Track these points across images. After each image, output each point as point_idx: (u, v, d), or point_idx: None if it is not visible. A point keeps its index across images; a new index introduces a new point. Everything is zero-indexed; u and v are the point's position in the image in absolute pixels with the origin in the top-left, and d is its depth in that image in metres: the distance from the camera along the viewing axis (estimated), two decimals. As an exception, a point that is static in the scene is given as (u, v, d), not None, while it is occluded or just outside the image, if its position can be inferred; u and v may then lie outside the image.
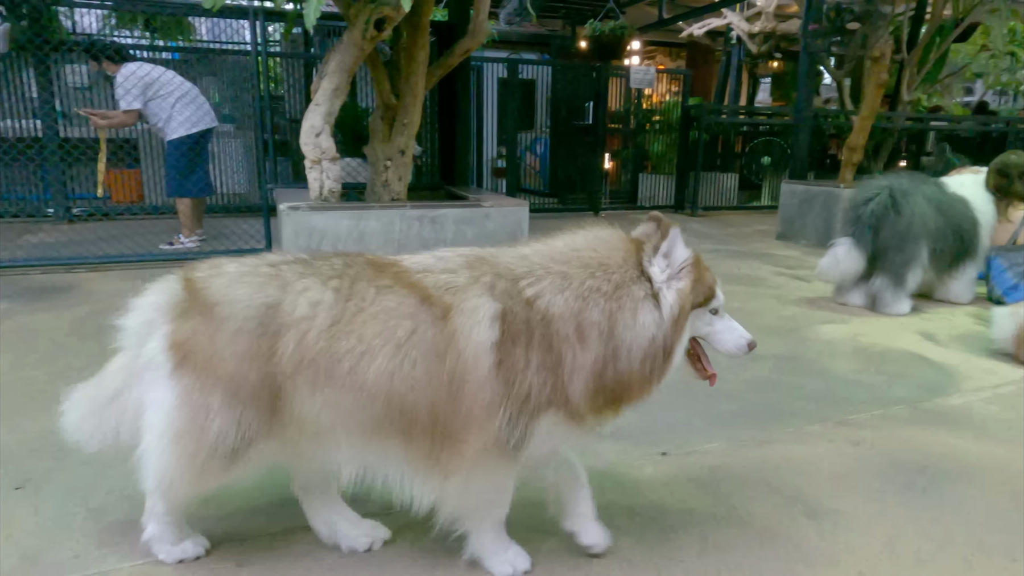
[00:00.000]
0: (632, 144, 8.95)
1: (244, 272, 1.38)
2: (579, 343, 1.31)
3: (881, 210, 3.59)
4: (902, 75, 9.01)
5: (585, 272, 1.36)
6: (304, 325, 1.30)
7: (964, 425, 2.32)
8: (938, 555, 1.58)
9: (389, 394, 1.29)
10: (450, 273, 1.37)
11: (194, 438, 1.31)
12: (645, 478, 1.92)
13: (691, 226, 7.40)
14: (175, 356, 1.32)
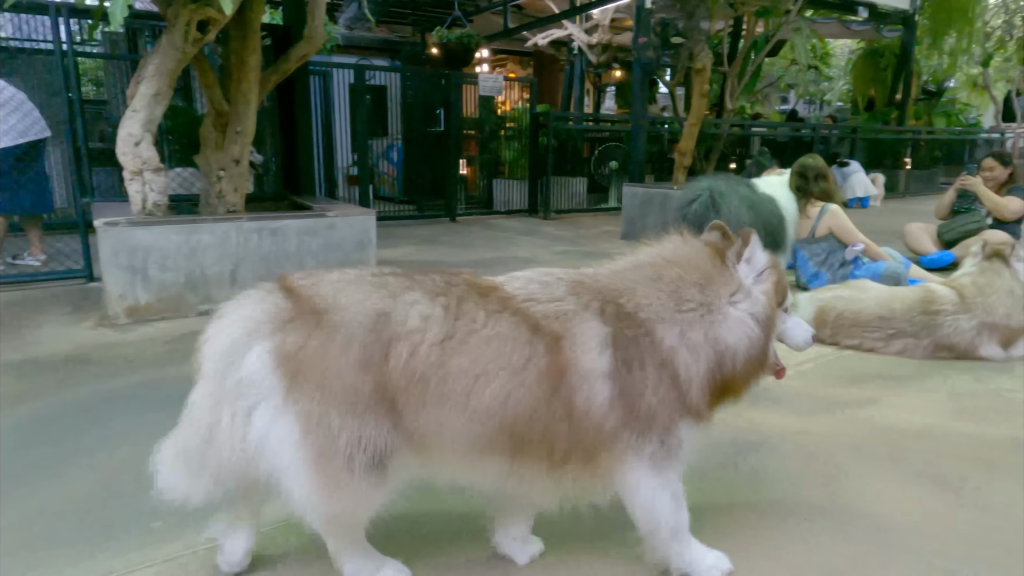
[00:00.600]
0: (486, 150, 9.11)
1: (350, 279, 1.33)
2: (689, 354, 1.34)
3: (703, 210, 3.93)
4: (725, 86, 9.91)
5: (682, 285, 1.39)
6: (416, 338, 1.25)
7: (769, 400, 2.58)
8: (746, 517, 1.75)
9: (503, 418, 1.27)
10: (557, 301, 1.35)
11: (328, 460, 1.22)
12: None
13: (544, 229, 7.66)
14: (285, 372, 1.22)
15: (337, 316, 1.25)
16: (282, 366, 1.22)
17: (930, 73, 14.71)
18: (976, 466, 2.06)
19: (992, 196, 4.94)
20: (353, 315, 1.26)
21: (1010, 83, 18.66)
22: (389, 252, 5.87)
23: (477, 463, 1.33)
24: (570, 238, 6.96)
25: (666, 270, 1.41)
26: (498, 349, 1.27)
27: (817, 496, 1.88)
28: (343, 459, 1.22)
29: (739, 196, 4.05)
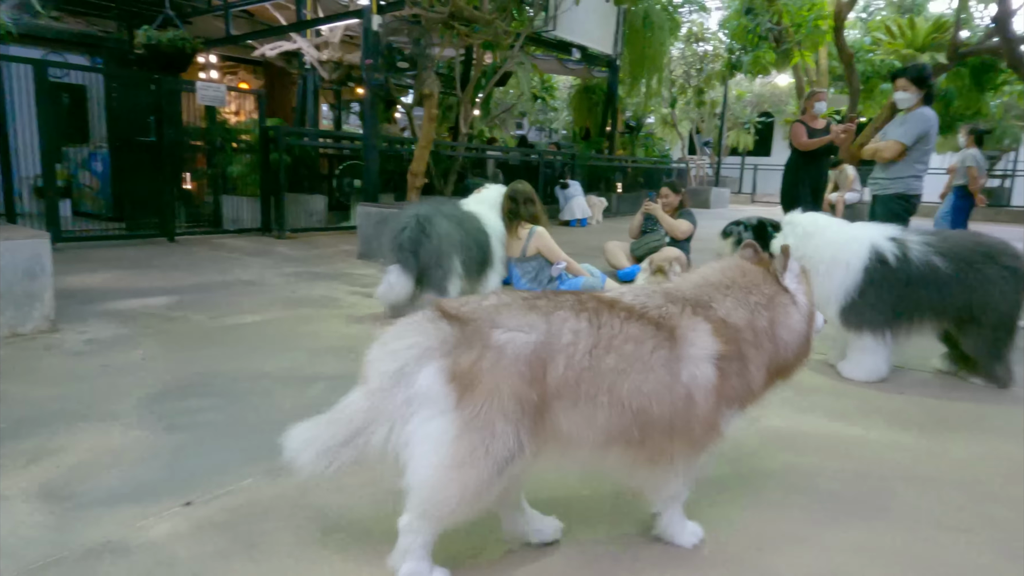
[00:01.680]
0: (212, 164, 8.39)
1: (506, 303, 1.54)
2: (755, 347, 1.65)
3: (415, 235, 4.06)
4: (459, 111, 10.42)
5: (746, 292, 1.71)
6: (570, 350, 1.48)
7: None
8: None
9: (638, 405, 1.51)
10: (663, 307, 1.61)
11: (476, 463, 1.42)
12: (159, 537, 1.76)
13: (277, 249, 7.27)
14: (457, 388, 1.41)
15: (506, 337, 1.46)
16: (454, 381, 1.42)
17: (632, 110, 17.11)
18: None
19: (667, 219, 5.86)
20: (520, 336, 1.47)
21: (692, 122, 22.50)
22: (86, 279, 5.08)
23: (607, 449, 1.56)
24: (304, 258, 6.70)
25: (733, 282, 1.73)
26: (634, 347, 1.53)
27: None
28: (492, 461, 1.43)
29: (444, 216, 4.26)
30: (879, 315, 3.27)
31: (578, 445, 1.53)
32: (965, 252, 3.26)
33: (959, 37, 12.59)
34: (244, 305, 4.50)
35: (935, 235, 3.39)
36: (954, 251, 3.27)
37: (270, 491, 2.03)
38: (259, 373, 3.14)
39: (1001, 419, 2.92)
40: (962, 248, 3.29)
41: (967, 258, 3.23)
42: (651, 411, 1.52)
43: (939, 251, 3.25)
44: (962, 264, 3.22)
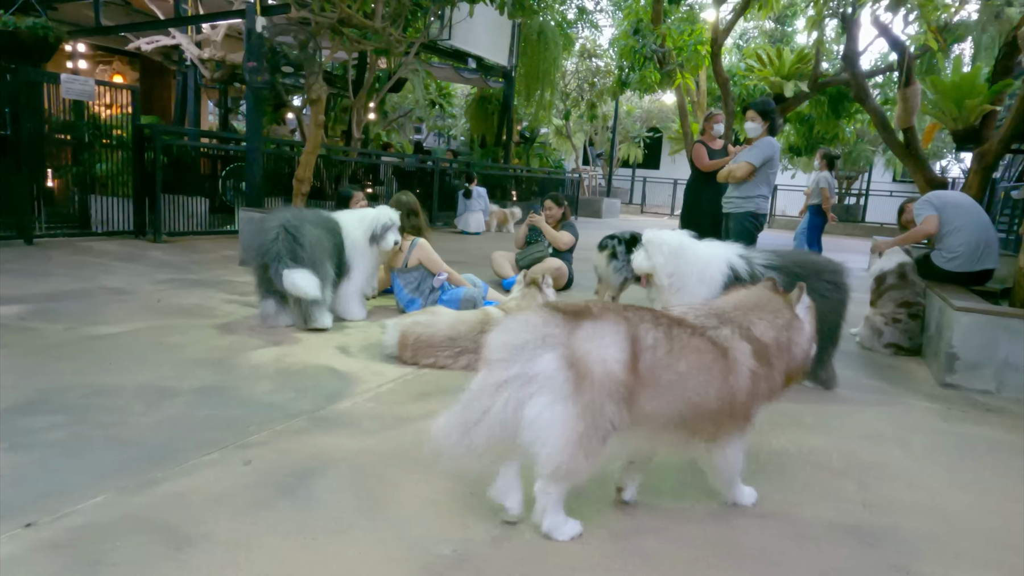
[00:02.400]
0: (78, 162, 7.84)
1: (605, 309, 1.94)
2: (778, 359, 2.11)
3: (290, 244, 4.07)
4: (352, 116, 10.31)
5: (774, 316, 2.15)
6: (652, 351, 1.90)
7: (344, 425, 2.79)
8: (291, 540, 1.86)
9: (697, 399, 1.96)
10: (717, 328, 2.07)
11: (590, 434, 1.80)
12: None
13: (151, 253, 6.93)
14: (574, 372, 1.79)
15: (610, 335, 1.86)
16: (570, 368, 1.80)
17: (527, 120, 17.52)
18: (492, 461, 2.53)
19: (550, 231, 6.11)
20: (621, 335, 1.88)
21: (585, 134, 23.31)
22: (-82, 286, 4.65)
23: (668, 431, 1.99)
24: (180, 264, 6.43)
25: (764, 307, 2.17)
26: (697, 356, 1.97)
27: (356, 510, 2.10)
28: (600, 433, 1.83)
29: (311, 222, 4.29)
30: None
31: (651, 426, 1.96)
32: (797, 267, 3.65)
33: (819, 68, 13.87)
34: (106, 315, 4.30)
35: (771, 252, 3.77)
36: (788, 267, 3.65)
37: (118, 510, 2.00)
38: (115, 388, 3.03)
39: (812, 417, 3.31)
40: (794, 264, 3.68)
41: (798, 273, 3.62)
42: (705, 404, 1.99)
43: (776, 267, 3.63)
44: (795, 278, 3.60)
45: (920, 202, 5.03)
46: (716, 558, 1.96)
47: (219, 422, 2.73)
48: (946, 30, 10.71)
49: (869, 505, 2.37)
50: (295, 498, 2.15)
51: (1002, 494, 2.54)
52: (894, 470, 2.70)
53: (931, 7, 7.71)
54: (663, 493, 2.37)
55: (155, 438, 2.54)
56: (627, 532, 2.07)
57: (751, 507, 2.27)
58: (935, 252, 4.90)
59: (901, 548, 2.08)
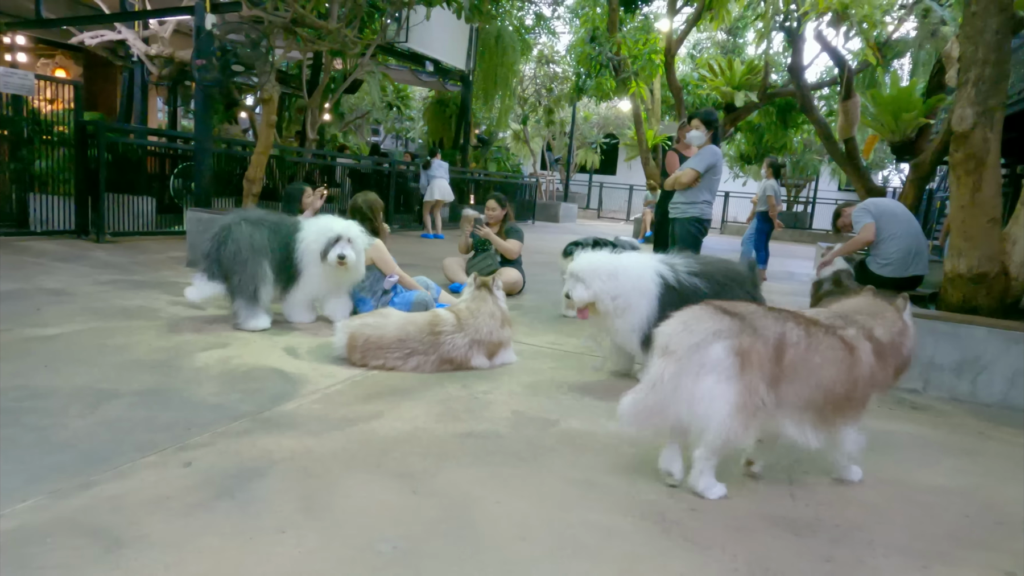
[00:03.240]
0: (16, 158, 7.55)
1: (757, 310, 2.39)
2: (891, 356, 2.50)
3: (243, 244, 4.10)
4: (306, 116, 10.19)
5: (888, 322, 2.55)
6: (795, 346, 2.32)
7: (289, 426, 2.78)
8: (230, 540, 1.86)
9: (828, 389, 2.35)
10: (843, 328, 2.45)
11: (747, 410, 2.23)
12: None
13: (94, 254, 6.73)
14: (739, 360, 2.22)
15: (767, 330, 2.31)
16: (736, 356, 2.22)
17: (485, 124, 17.58)
18: (436, 460, 2.56)
19: (500, 242, 6.01)
20: (771, 331, 2.31)
21: (543, 139, 23.49)
22: None
23: (800, 415, 2.37)
24: (124, 265, 6.26)
25: (876, 312, 2.58)
26: (831, 351, 2.37)
27: (298, 510, 2.10)
28: (753, 409, 2.24)
29: (253, 224, 4.31)
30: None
31: (789, 408, 2.33)
32: (719, 276, 3.69)
33: (768, 80, 14.30)
34: (43, 316, 4.17)
35: (693, 261, 3.77)
36: (710, 274, 3.67)
37: (50, 513, 1.96)
38: (51, 390, 2.96)
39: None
40: (717, 273, 3.72)
41: (720, 281, 3.67)
42: (833, 391, 2.36)
43: (699, 274, 3.64)
44: (717, 286, 3.64)
45: (857, 210, 5.25)
46: (641, 547, 2.03)
47: (159, 424, 2.69)
48: (886, 46, 11.17)
49: (796, 497, 2.48)
50: (235, 499, 2.13)
51: (924, 487, 2.69)
52: (821, 464, 2.83)
53: (870, 24, 8.06)
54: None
55: (92, 441, 2.49)
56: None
57: (685, 502, 2.36)
58: (870, 258, 5.13)
59: (825, 537, 2.19)
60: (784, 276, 9.72)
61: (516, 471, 2.52)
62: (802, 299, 7.05)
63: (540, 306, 5.92)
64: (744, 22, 20.01)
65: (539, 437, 2.89)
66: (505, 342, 3.93)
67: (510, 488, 2.37)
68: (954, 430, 3.44)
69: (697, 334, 2.27)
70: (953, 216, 4.17)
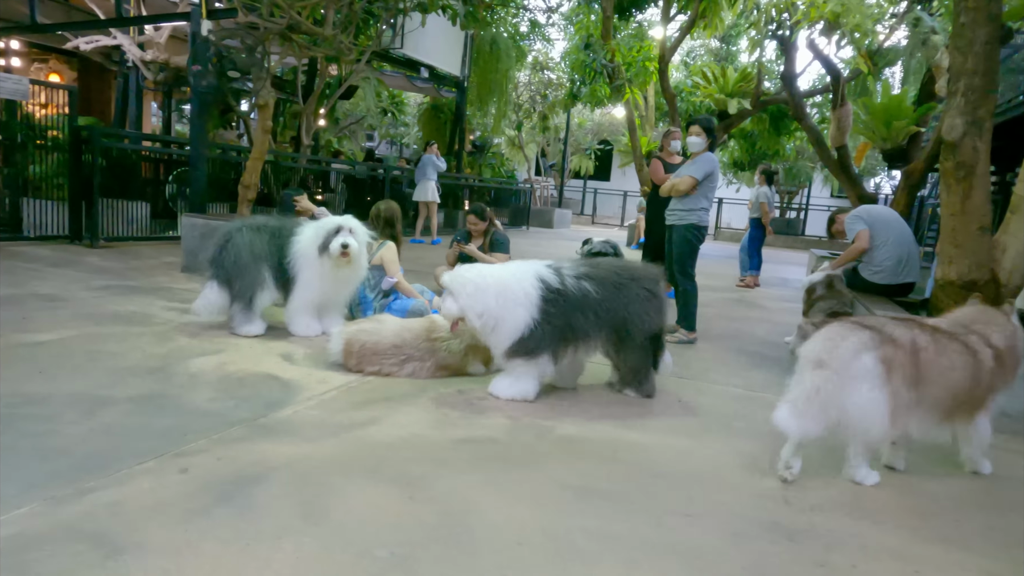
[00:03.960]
0: (10, 163, 7.52)
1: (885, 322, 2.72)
2: (1008, 360, 2.77)
3: (217, 249, 4.23)
4: (301, 122, 10.20)
5: (998, 326, 2.82)
6: (927, 352, 2.62)
7: (285, 433, 2.78)
8: (229, 546, 1.86)
9: (955, 389, 2.65)
10: (965, 335, 2.73)
11: (897, 412, 2.56)
12: (-91, 574, 1.66)
13: (88, 259, 6.71)
14: (885, 367, 2.55)
15: (900, 340, 2.61)
16: (883, 364, 2.55)
17: (480, 130, 17.62)
18: (434, 465, 2.57)
19: (485, 259, 5.81)
20: (905, 339, 2.62)
21: (537, 145, 23.54)
22: None
23: (931, 412, 2.66)
24: (119, 270, 6.24)
25: (991, 320, 2.85)
26: (957, 356, 2.66)
27: (296, 515, 2.11)
28: (900, 410, 2.56)
29: (254, 230, 4.35)
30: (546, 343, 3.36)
31: (922, 408, 2.62)
32: (614, 275, 3.55)
33: (761, 87, 14.40)
34: (37, 322, 4.16)
35: (585, 263, 3.64)
36: (602, 275, 3.51)
37: (48, 520, 1.96)
38: (46, 396, 2.95)
39: (743, 422, 3.46)
40: (612, 272, 3.57)
41: (615, 280, 3.51)
42: (960, 393, 2.66)
43: (589, 276, 3.48)
44: (611, 285, 3.48)
45: (851, 217, 5.28)
46: (638, 552, 2.04)
47: (155, 431, 2.69)
48: (877, 55, 11.28)
49: (790, 503, 2.50)
50: (233, 505, 2.14)
51: (912, 490, 2.71)
52: (815, 470, 2.85)
53: (862, 33, 8.14)
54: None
55: (88, 447, 2.48)
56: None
57: (681, 507, 2.37)
58: (862, 265, 5.17)
59: (820, 542, 2.21)
60: (777, 282, 9.77)
61: (513, 477, 2.53)
62: (795, 305, 7.09)
63: (535, 312, 5.93)
64: (737, 30, 20.15)
65: (535, 443, 2.91)
66: (501, 348, 3.94)
67: (508, 494, 2.38)
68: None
69: (846, 348, 2.58)
70: (944, 223, 4.22)
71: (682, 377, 4.18)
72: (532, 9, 18.53)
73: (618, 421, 3.29)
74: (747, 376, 4.34)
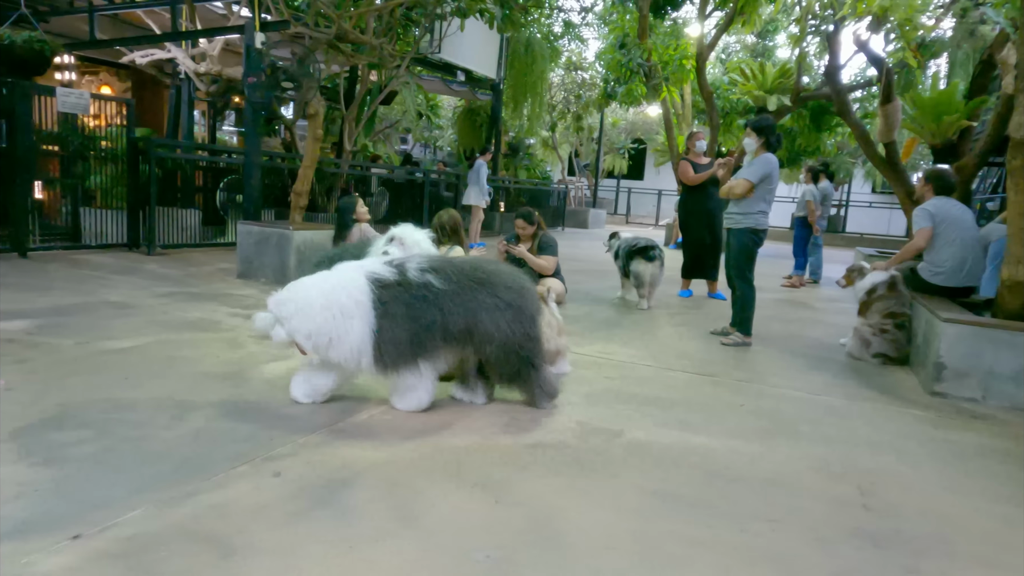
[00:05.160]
0: (70, 174, 7.82)
1: None
2: None
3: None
4: (344, 128, 10.38)
5: None
6: None
7: (364, 437, 2.87)
8: (334, 548, 1.94)
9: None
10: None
11: None
12: (51, 571, 1.77)
13: (147, 266, 6.94)
14: None
15: None
16: None
17: (515, 132, 17.68)
18: (511, 470, 2.63)
19: (534, 260, 5.88)
20: None
21: (571, 145, 23.52)
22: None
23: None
24: (178, 277, 6.45)
25: None
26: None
27: (392, 519, 2.19)
28: None
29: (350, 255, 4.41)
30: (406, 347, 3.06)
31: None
32: (463, 278, 3.19)
33: (801, 83, 14.19)
34: (114, 329, 4.33)
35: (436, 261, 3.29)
36: (452, 276, 3.18)
37: (161, 521, 2.07)
38: (134, 402, 3.09)
39: (808, 425, 3.45)
40: (461, 274, 3.20)
41: (461, 282, 3.17)
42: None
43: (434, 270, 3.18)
44: (456, 285, 3.15)
45: (919, 210, 5.05)
46: (728, 558, 2.07)
47: (242, 435, 2.80)
48: (922, 46, 11.04)
49: (871, 509, 2.50)
50: (329, 508, 2.22)
51: (994, 496, 2.69)
52: (890, 475, 2.84)
53: (911, 27, 7.99)
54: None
55: (183, 451, 2.60)
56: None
57: (762, 513, 2.39)
58: (922, 264, 5.08)
59: (906, 549, 2.21)
60: (824, 282, 9.63)
61: (591, 482, 2.58)
62: (845, 305, 7.00)
63: (585, 314, 5.98)
64: (774, 25, 19.87)
65: (606, 448, 2.95)
66: (562, 351, 3.99)
67: (588, 499, 2.43)
68: (1018, 441, 3.41)
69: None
70: (1011, 223, 4.13)
71: (742, 380, 4.18)
72: (566, 10, 18.54)
73: (684, 425, 3.31)
74: (806, 379, 4.31)
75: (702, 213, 7.26)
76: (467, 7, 8.56)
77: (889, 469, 2.91)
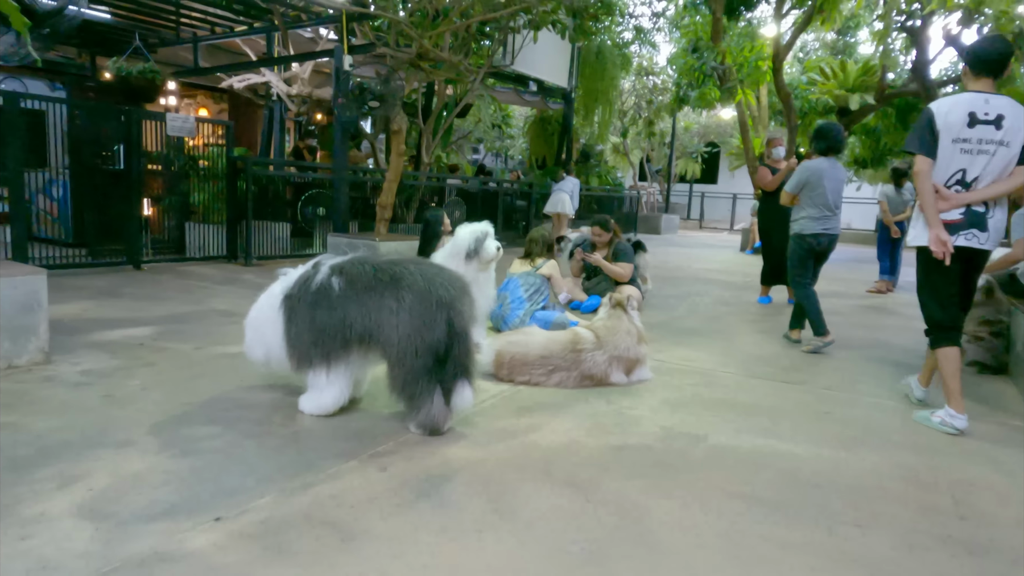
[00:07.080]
0: (175, 191, 8.49)
1: None
2: None
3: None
4: (421, 141, 10.77)
5: None
6: None
7: (458, 437, 3.05)
8: (440, 536, 2.13)
9: None
10: None
11: None
12: (201, 547, 2.03)
13: (245, 276, 7.44)
14: None
15: None
16: None
17: (586, 139, 17.77)
18: (598, 470, 2.76)
19: (610, 268, 5.98)
20: None
21: (642, 151, 23.39)
22: (62, 309, 5.18)
23: None
24: (275, 287, 6.89)
25: None
26: None
27: (490, 512, 2.35)
28: None
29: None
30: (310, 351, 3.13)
31: None
32: (371, 280, 3.07)
33: (885, 80, 13.66)
34: (225, 335, 4.72)
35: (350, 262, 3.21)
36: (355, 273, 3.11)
37: (287, 508, 2.31)
38: (249, 403, 3.39)
39: (900, 434, 3.40)
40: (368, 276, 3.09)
41: (369, 285, 3.06)
42: None
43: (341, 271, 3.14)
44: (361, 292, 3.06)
45: (1019, 215, 4.84)
46: (818, 560, 2.12)
47: (349, 433, 3.04)
48: (1020, 36, 10.45)
49: (965, 518, 2.48)
50: (432, 501, 2.42)
51: (1100, 510, 2.60)
52: (985, 485, 2.79)
53: (1006, 19, 7.62)
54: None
55: (298, 446, 2.86)
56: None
57: (849, 517, 2.42)
58: (1022, 270, 4.87)
59: (1002, 558, 2.20)
60: (905, 286, 9.24)
61: (675, 483, 2.67)
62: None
63: (662, 322, 6.02)
64: (855, 21, 19.17)
65: (690, 451, 3.03)
66: (642, 359, 4.08)
67: (674, 499, 2.52)
68: None
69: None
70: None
71: (827, 388, 4.15)
72: (637, 16, 18.51)
73: (767, 432, 3.34)
74: (896, 388, 4.23)
75: (782, 219, 7.17)
76: (539, 19, 8.77)
77: (985, 479, 2.86)
